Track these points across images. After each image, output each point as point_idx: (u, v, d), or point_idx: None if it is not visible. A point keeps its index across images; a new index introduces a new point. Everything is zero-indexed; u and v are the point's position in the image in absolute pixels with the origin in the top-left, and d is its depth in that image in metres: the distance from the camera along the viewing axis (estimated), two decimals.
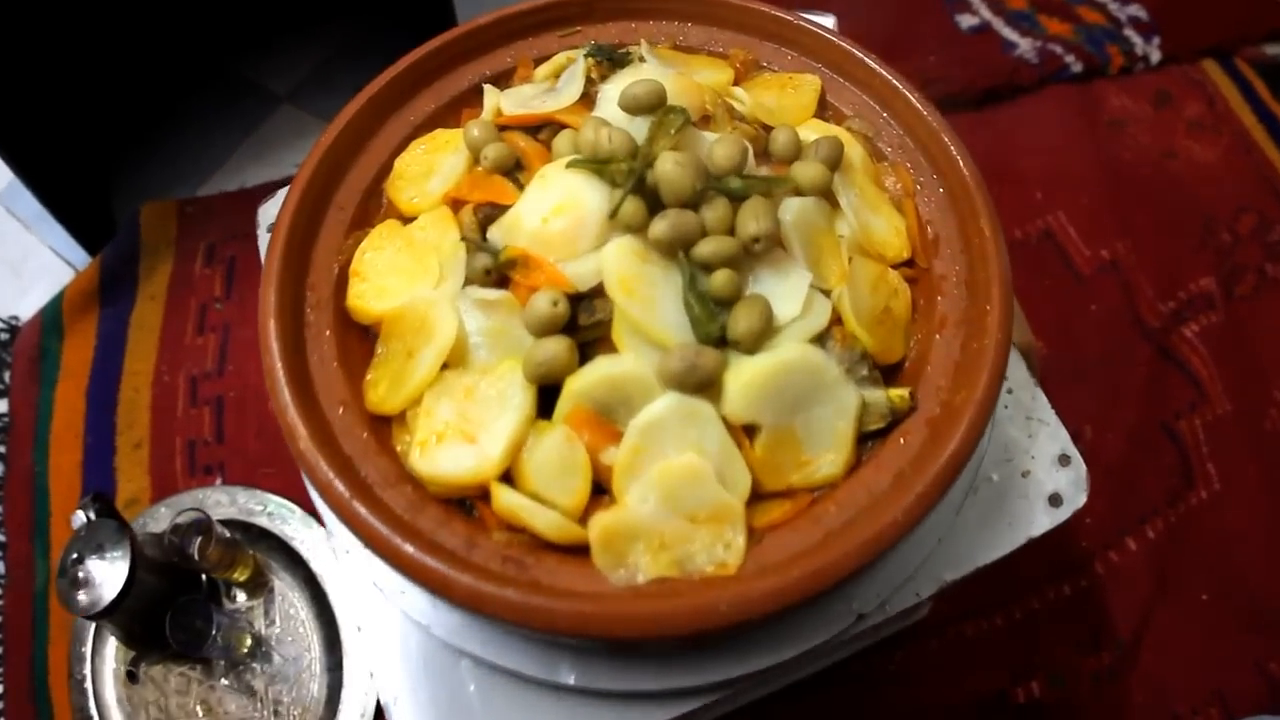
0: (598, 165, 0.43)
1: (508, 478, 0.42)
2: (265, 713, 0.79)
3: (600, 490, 0.42)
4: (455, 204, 0.47)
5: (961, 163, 0.47)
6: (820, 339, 0.42)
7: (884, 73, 0.50)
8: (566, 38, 0.55)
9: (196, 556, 0.78)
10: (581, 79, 0.49)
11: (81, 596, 0.71)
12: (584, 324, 0.42)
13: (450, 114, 0.53)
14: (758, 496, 0.41)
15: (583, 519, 0.41)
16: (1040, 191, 1.01)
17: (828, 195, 0.46)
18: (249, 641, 0.80)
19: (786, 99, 0.51)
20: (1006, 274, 0.44)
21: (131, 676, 0.76)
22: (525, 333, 0.42)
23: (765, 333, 0.41)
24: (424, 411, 0.42)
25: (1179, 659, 0.77)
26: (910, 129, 0.50)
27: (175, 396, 0.93)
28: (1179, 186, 0.99)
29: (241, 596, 0.83)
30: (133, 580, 0.72)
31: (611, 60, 0.50)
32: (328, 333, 0.46)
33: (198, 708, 0.79)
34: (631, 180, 0.41)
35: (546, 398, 0.42)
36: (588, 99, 0.49)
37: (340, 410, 0.44)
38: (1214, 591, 0.80)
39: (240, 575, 0.82)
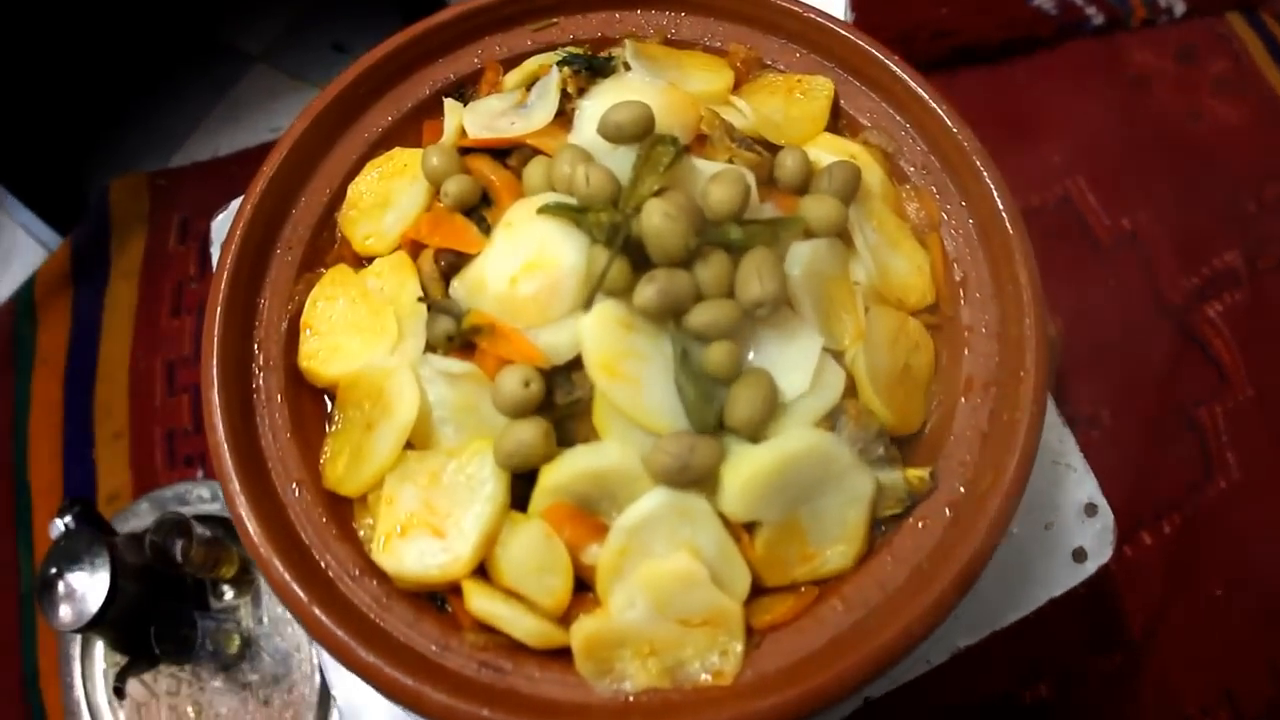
0: (574, 213, 0.36)
1: (482, 568, 0.36)
2: (257, 714, 0.76)
3: (584, 585, 0.36)
4: (414, 246, 0.40)
5: (996, 191, 0.40)
6: (831, 415, 0.36)
7: (906, 77, 0.43)
8: (540, 32, 0.47)
9: (180, 559, 0.74)
10: (555, 94, 0.41)
11: (63, 611, 0.67)
12: (561, 403, 0.35)
13: (410, 127, 0.45)
14: (758, 590, 0.36)
15: (564, 618, 0.36)
16: (1059, 154, 0.92)
17: (842, 233, 0.39)
18: (238, 642, 0.76)
19: (795, 108, 0.43)
20: (1044, 331, 0.37)
21: (119, 693, 0.72)
22: (494, 410, 0.36)
23: (769, 415, 0.35)
24: (385, 498, 0.36)
25: (1190, 658, 0.73)
26: (936, 145, 0.43)
27: (153, 384, 0.87)
28: (1203, 151, 0.91)
29: (229, 593, 0.78)
30: (114, 592, 0.68)
31: (591, 69, 0.42)
32: (279, 397, 0.39)
33: (189, 709, 0.76)
34: (616, 239, 0.34)
35: (523, 477, 0.36)
36: (564, 117, 0.41)
37: (295, 489, 0.38)
38: (1229, 586, 0.75)
39: (226, 573, 0.77)
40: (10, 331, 0.90)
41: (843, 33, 0.44)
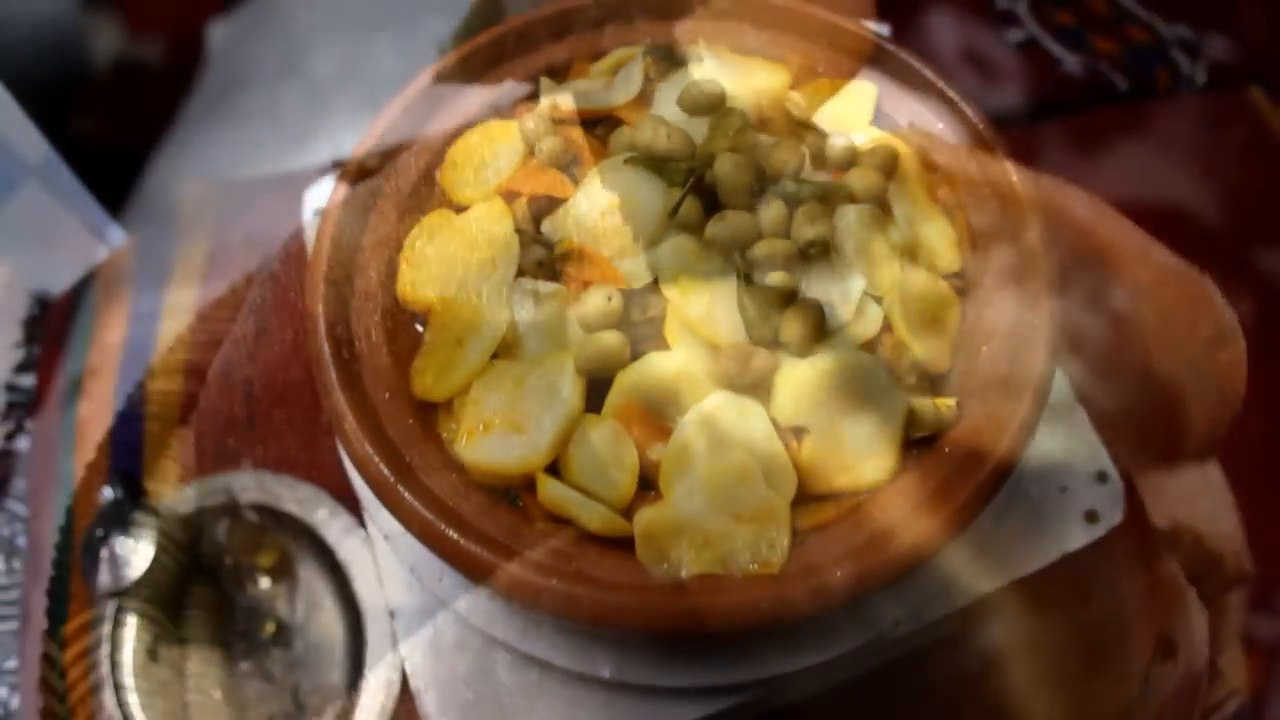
0: (656, 162, 0.44)
1: (553, 468, 0.43)
2: (284, 699, 0.80)
3: (646, 485, 0.43)
4: (509, 196, 0.48)
5: (1013, 173, 0.48)
6: (870, 345, 0.43)
7: (940, 83, 0.51)
8: (623, 33, 0.56)
9: (222, 540, 0.80)
10: (640, 76, 0.50)
11: (103, 572, 0.72)
12: (636, 320, 0.43)
13: (504, 108, 0.54)
14: (802, 498, 0.42)
15: (627, 512, 0.42)
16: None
17: (882, 203, 0.47)
18: (271, 627, 0.81)
19: (843, 105, 0.52)
20: (1054, 284, 0.45)
21: (152, 655, 0.77)
22: (576, 326, 0.43)
23: (817, 337, 0.42)
24: (472, 400, 0.43)
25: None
26: (964, 139, 0.51)
27: (208, 388, 0.94)
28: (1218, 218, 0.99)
29: (265, 582, 0.84)
30: (155, 564, 0.73)
31: (670, 60, 0.51)
32: (377, 318, 0.47)
33: (215, 691, 0.80)
34: (690, 180, 0.42)
35: (594, 395, 0.43)
36: (645, 97, 0.50)
37: (386, 395, 0.45)
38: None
39: (265, 561, 0.83)
40: (66, 327, 0.98)
41: (887, 46, 0.53)
